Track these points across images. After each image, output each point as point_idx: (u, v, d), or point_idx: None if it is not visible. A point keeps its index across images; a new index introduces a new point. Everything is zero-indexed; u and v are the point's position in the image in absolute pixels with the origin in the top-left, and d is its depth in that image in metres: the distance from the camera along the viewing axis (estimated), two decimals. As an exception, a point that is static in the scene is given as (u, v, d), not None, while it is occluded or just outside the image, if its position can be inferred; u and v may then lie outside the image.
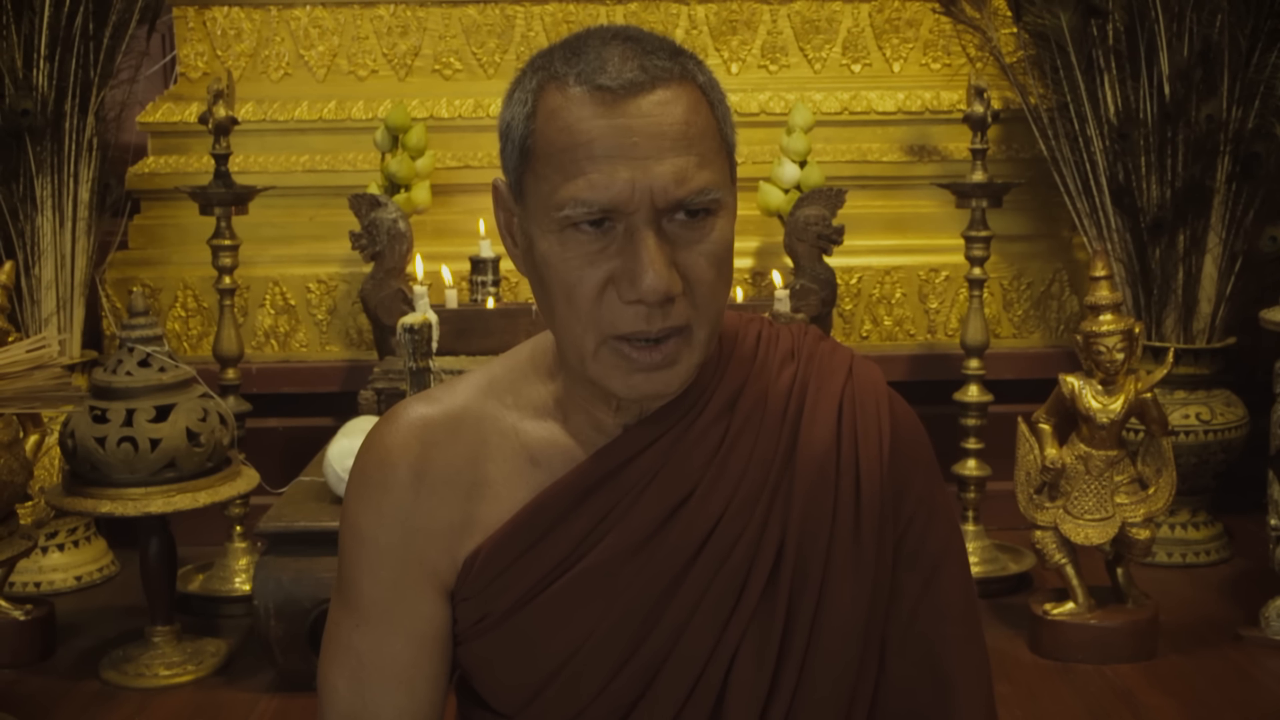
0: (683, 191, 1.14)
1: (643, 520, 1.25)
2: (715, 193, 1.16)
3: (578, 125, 1.14)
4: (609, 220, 1.15)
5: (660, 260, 1.14)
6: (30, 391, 2.56)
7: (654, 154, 1.13)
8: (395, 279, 3.43)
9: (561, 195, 1.14)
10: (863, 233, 3.71)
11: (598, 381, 1.20)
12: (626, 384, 1.19)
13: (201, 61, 3.91)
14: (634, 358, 1.17)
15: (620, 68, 1.15)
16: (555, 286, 1.18)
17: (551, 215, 1.16)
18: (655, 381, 1.19)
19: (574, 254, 1.16)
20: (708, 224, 1.17)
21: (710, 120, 1.18)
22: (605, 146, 1.13)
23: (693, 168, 1.15)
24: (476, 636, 1.28)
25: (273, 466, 3.29)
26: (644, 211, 1.14)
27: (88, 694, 2.81)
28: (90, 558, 3.44)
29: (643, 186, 1.13)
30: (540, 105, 1.17)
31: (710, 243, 1.17)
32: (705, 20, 3.91)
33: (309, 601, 2.69)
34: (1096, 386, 2.86)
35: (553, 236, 1.17)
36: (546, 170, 1.16)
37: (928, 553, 1.31)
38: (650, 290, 1.13)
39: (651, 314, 1.15)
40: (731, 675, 1.25)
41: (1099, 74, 3.42)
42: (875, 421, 1.30)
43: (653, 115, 1.14)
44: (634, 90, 1.14)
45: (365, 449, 1.31)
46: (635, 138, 1.13)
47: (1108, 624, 2.88)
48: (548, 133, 1.16)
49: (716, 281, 1.18)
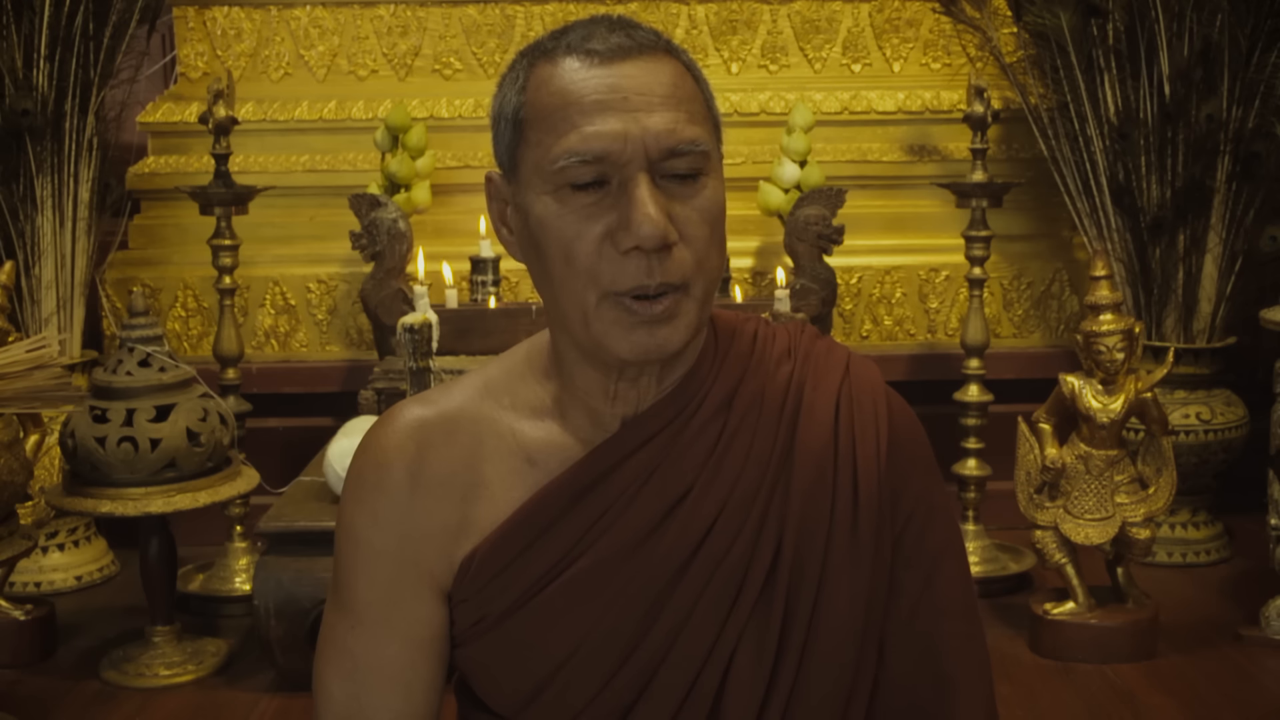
0: (674, 140, 1.16)
1: (640, 519, 1.24)
2: (705, 145, 1.18)
3: (569, 86, 1.17)
4: (603, 179, 1.16)
5: (655, 205, 1.15)
6: (30, 391, 2.55)
7: (644, 107, 1.16)
8: (395, 279, 3.43)
9: (555, 151, 1.16)
10: (863, 232, 3.71)
11: (599, 342, 1.20)
12: (629, 341, 1.19)
13: (202, 61, 3.91)
14: (635, 310, 1.17)
15: (607, 36, 1.19)
16: (553, 248, 1.18)
17: (546, 173, 1.17)
18: (657, 337, 1.18)
19: (570, 210, 1.17)
20: (700, 182, 1.19)
21: (696, 90, 1.21)
22: (596, 102, 1.16)
23: (683, 121, 1.17)
24: (474, 638, 1.28)
25: (273, 466, 3.30)
26: (637, 161, 1.16)
27: (88, 694, 2.81)
28: (90, 558, 3.44)
29: (635, 135, 1.15)
30: (531, 79, 1.20)
31: (703, 199, 1.19)
32: (705, 20, 3.91)
33: (309, 601, 2.69)
34: (1097, 386, 2.86)
35: (549, 198, 1.18)
36: (539, 135, 1.18)
37: (927, 551, 1.31)
38: (647, 236, 1.14)
39: (651, 265, 1.16)
40: (730, 673, 1.25)
41: (1099, 74, 3.42)
42: (872, 420, 1.30)
43: (640, 75, 1.17)
44: (621, 53, 1.18)
45: (361, 451, 1.31)
46: (625, 93, 1.16)
47: (1108, 624, 2.88)
48: (539, 99, 1.19)
49: (710, 239, 1.20)
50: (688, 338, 1.20)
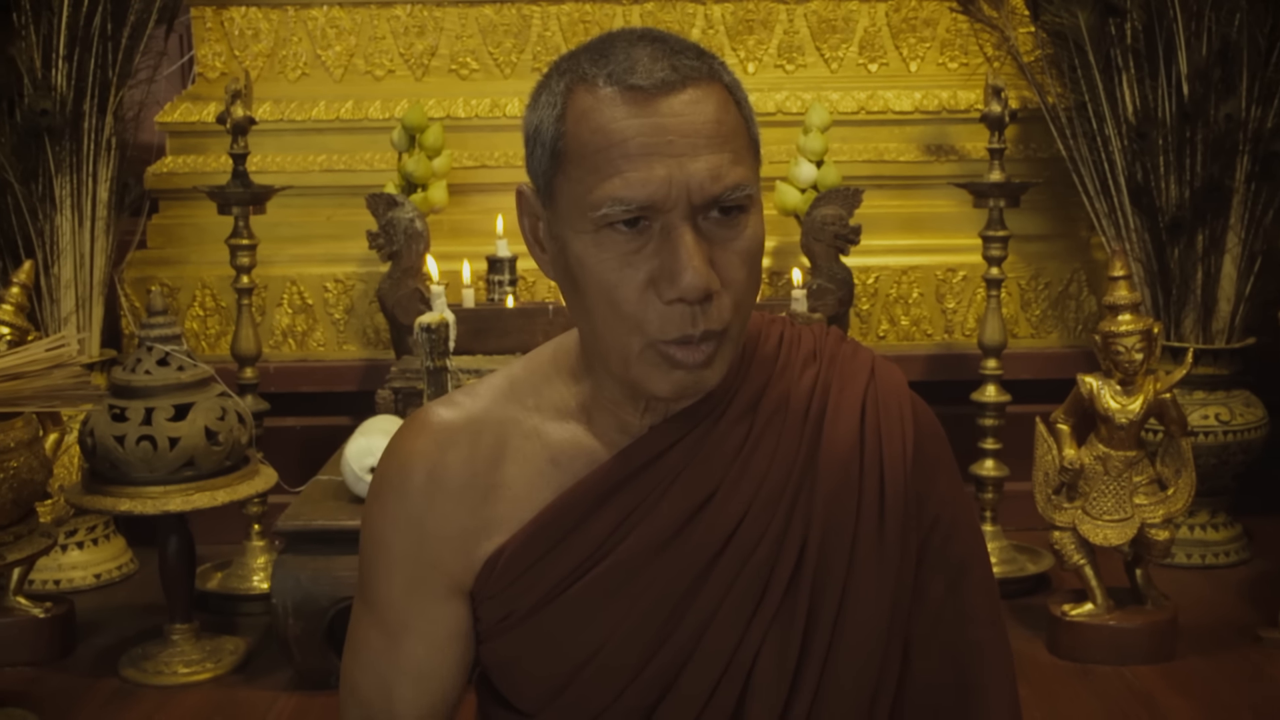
0: (718, 188, 1.14)
1: (666, 519, 1.25)
2: (749, 188, 1.17)
3: (611, 125, 1.14)
4: (645, 219, 1.15)
5: (699, 257, 1.14)
6: (50, 390, 2.56)
7: (689, 151, 1.14)
8: (412, 278, 3.44)
9: (597, 195, 1.14)
10: (880, 232, 3.71)
11: (638, 383, 1.20)
12: (668, 382, 1.19)
13: (219, 61, 3.92)
14: (678, 358, 1.17)
15: (651, 67, 1.15)
16: (593, 289, 1.17)
17: (587, 216, 1.15)
18: (695, 377, 1.19)
19: (610, 255, 1.16)
20: (741, 221, 1.17)
21: (739, 119, 1.19)
22: (640, 145, 1.13)
23: (727, 164, 1.15)
24: (499, 635, 1.28)
25: (290, 465, 3.30)
26: (681, 209, 1.14)
27: (107, 691, 2.82)
28: (109, 556, 3.46)
29: (679, 183, 1.13)
30: (570, 107, 1.17)
31: (744, 240, 1.18)
32: (722, 20, 3.91)
33: (327, 600, 2.69)
34: (1115, 387, 2.86)
35: (587, 238, 1.16)
36: (580, 172, 1.16)
37: (952, 556, 1.31)
38: (690, 288, 1.13)
39: (695, 315, 1.15)
40: (753, 675, 1.25)
41: (1117, 73, 3.41)
42: (898, 423, 1.30)
43: (685, 114, 1.14)
44: (666, 89, 1.15)
45: (386, 454, 1.32)
46: (670, 135, 1.14)
47: (1126, 625, 2.88)
48: (580, 134, 1.16)
49: (749, 279, 1.19)
50: (724, 374, 1.21)
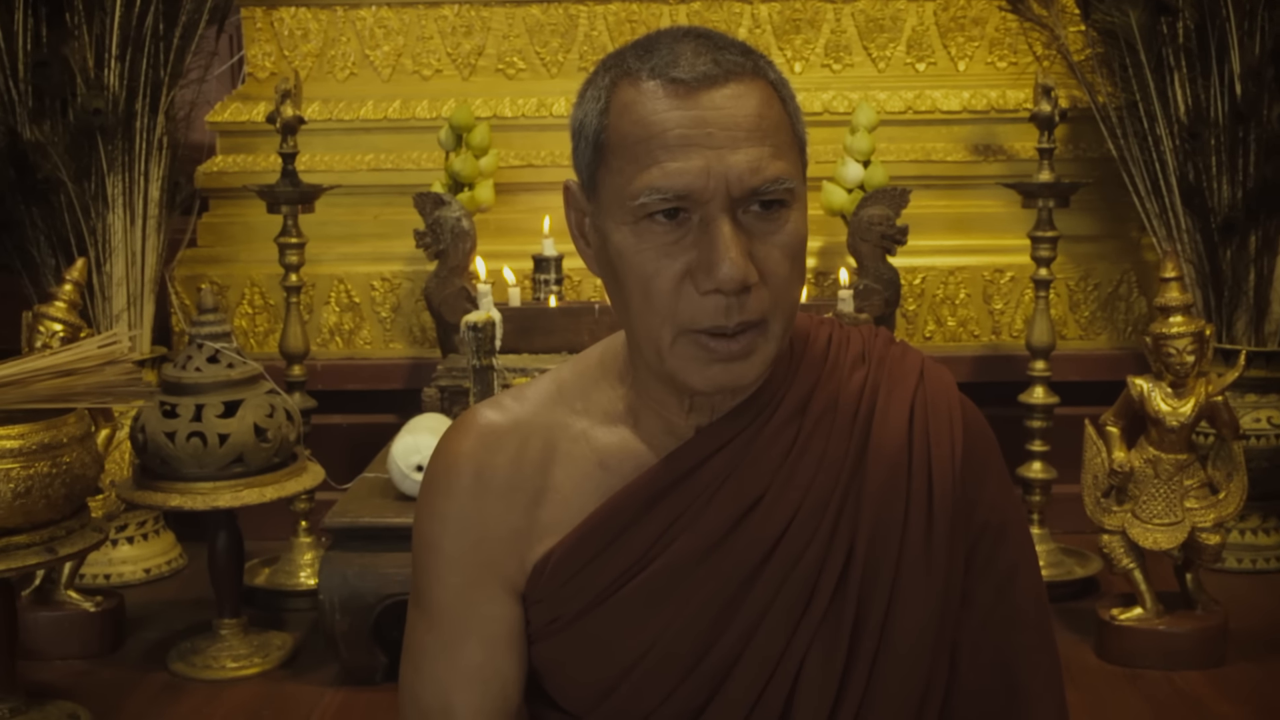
0: (757, 180, 1.14)
1: (714, 523, 1.24)
2: (789, 182, 1.16)
3: (652, 117, 1.15)
4: (684, 211, 1.15)
5: (736, 248, 1.13)
6: (102, 386, 2.59)
7: (728, 144, 1.14)
8: (459, 277, 3.45)
9: (636, 185, 1.15)
10: (927, 233, 3.69)
11: (674, 375, 1.20)
12: (704, 376, 1.18)
13: (269, 61, 3.95)
14: (712, 348, 1.17)
15: (694, 61, 1.16)
16: (630, 280, 1.17)
17: (626, 206, 1.16)
18: (732, 373, 1.18)
19: (649, 245, 1.16)
20: (782, 216, 1.17)
21: (783, 115, 1.19)
22: (680, 136, 1.14)
23: (767, 157, 1.15)
24: (548, 637, 1.28)
25: (337, 462, 3.32)
26: (719, 200, 1.14)
27: (157, 685, 2.85)
28: (159, 550, 3.49)
29: (718, 173, 1.13)
30: (614, 100, 1.18)
31: (785, 234, 1.17)
32: (769, 19, 3.90)
33: (373, 597, 2.71)
34: (1166, 389, 2.83)
35: (627, 229, 1.17)
36: (621, 163, 1.16)
37: (1001, 560, 1.30)
38: (727, 279, 1.13)
39: (730, 306, 1.15)
40: (800, 679, 1.24)
41: (1169, 72, 3.38)
42: (947, 426, 1.29)
43: (726, 107, 1.15)
44: (708, 83, 1.15)
45: (435, 456, 1.32)
46: (710, 128, 1.14)
47: (1176, 630, 2.85)
48: (622, 126, 1.17)
49: (791, 274, 1.18)
50: (763, 371, 1.20)
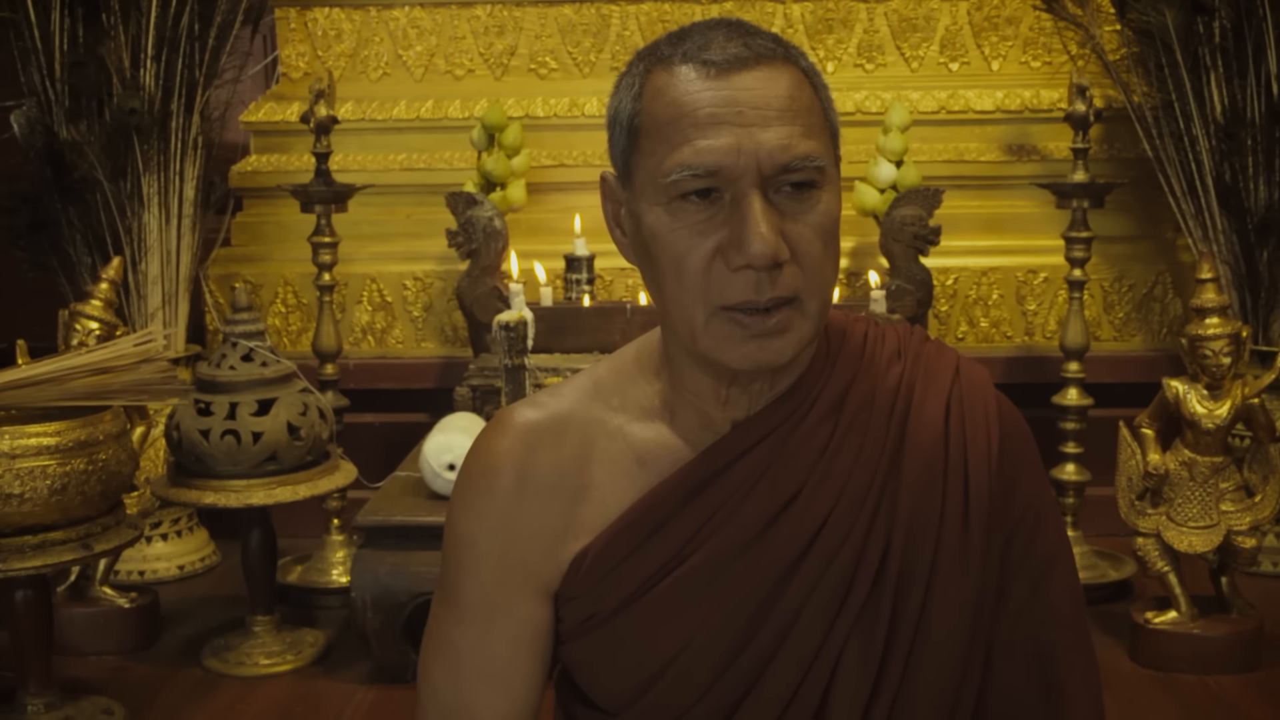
0: (787, 157, 1.15)
1: (750, 519, 1.24)
2: (820, 160, 1.16)
3: (683, 97, 1.16)
4: (716, 191, 1.15)
5: (766, 224, 1.14)
6: (138, 384, 2.61)
7: (759, 121, 1.15)
8: (491, 277, 3.46)
9: (668, 164, 1.16)
10: (960, 233, 3.68)
11: (709, 355, 1.19)
12: (739, 353, 1.18)
13: (303, 62, 3.97)
14: (746, 324, 1.17)
15: (725, 45, 1.17)
16: (664, 260, 1.18)
17: (659, 185, 1.17)
18: (768, 350, 1.18)
19: (682, 225, 1.16)
20: (813, 196, 1.17)
21: (814, 100, 1.19)
22: (710, 114, 1.15)
23: (798, 135, 1.15)
24: (583, 634, 1.28)
25: (369, 461, 3.33)
26: (750, 177, 1.14)
27: (190, 681, 2.86)
28: (192, 548, 3.51)
29: (748, 150, 1.14)
30: (647, 86, 1.19)
31: (817, 214, 1.17)
32: (801, 19, 3.89)
33: (405, 595, 2.72)
34: (1202, 391, 2.80)
35: (661, 209, 1.17)
36: (653, 144, 1.18)
37: (1037, 556, 1.30)
38: (758, 255, 1.13)
39: (760, 281, 1.15)
40: (836, 675, 1.24)
41: (1205, 72, 3.35)
42: (983, 423, 1.29)
43: (757, 88, 1.16)
44: (739, 64, 1.16)
45: (472, 454, 1.32)
46: (741, 106, 1.15)
47: (1211, 634, 2.82)
48: (654, 109, 1.18)
49: (824, 254, 1.18)
50: (798, 350, 1.20)
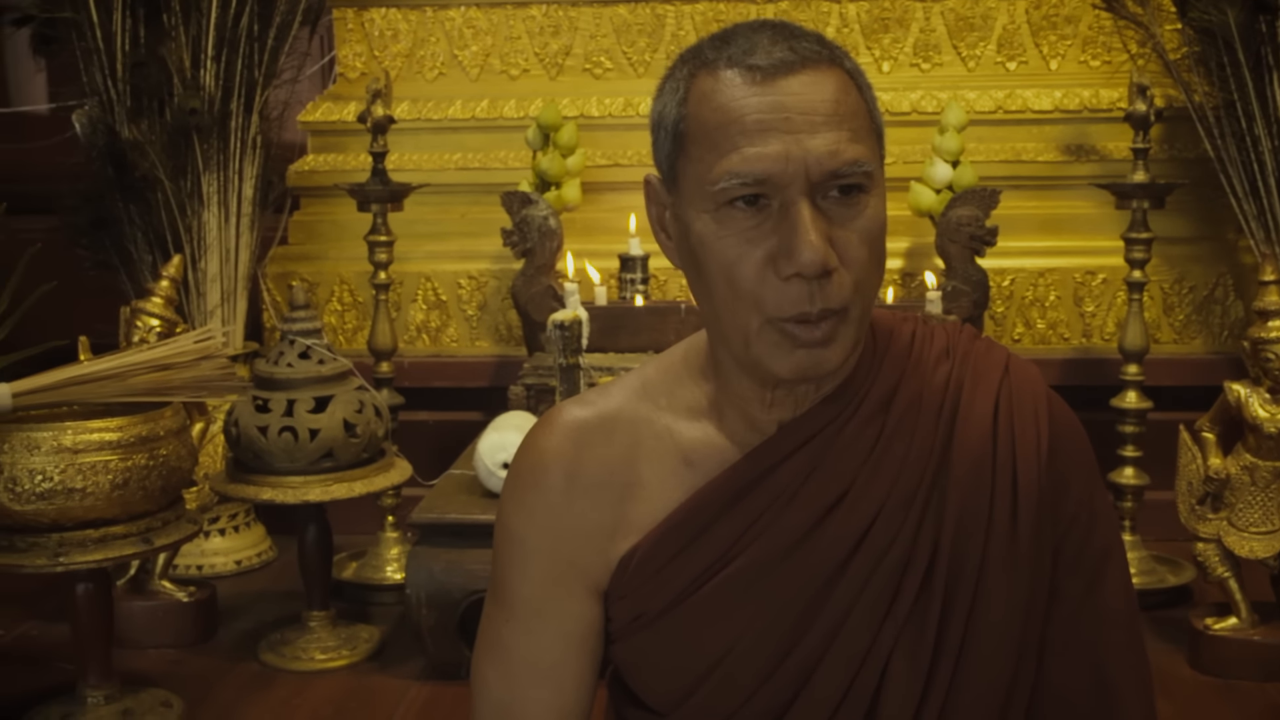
0: (836, 163, 1.14)
1: (797, 520, 1.24)
2: (867, 165, 1.16)
3: (730, 104, 1.16)
4: (764, 197, 1.15)
5: (816, 232, 1.14)
6: (197, 381, 2.65)
7: (806, 128, 1.14)
8: (545, 276, 3.47)
9: (716, 171, 1.15)
10: (1016, 234, 3.64)
11: (759, 363, 1.20)
12: (788, 363, 1.18)
13: (360, 62, 4.01)
14: (795, 335, 1.17)
15: (770, 49, 1.16)
16: (713, 268, 1.18)
17: (707, 193, 1.16)
18: (816, 359, 1.18)
19: (730, 232, 1.16)
20: (861, 201, 1.17)
21: (860, 102, 1.19)
22: (757, 121, 1.14)
23: (845, 141, 1.15)
24: (631, 634, 1.29)
25: (424, 459, 3.35)
26: (798, 184, 1.14)
27: (247, 675, 2.90)
28: (250, 543, 3.55)
29: (796, 157, 1.14)
30: (692, 90, 1.19)
31: (864, 219, 1.17)
32: (856, 18, 3.88)
33: (459, 592, 2.73)
34: (1264, 395, 2.76)
35: (708, 216, 1.17)
36: (700, 151, 1.17)
37: (1089, 556, 1.28)
38: (808, 263, 1.13)
39: (812, 292, 1.15)
40: (886, 676, 1.23)
41: (1268, 71, 3.30)
42: (1033, 421, 1.28)
43: (803, 93, 1.15)
44: (784, 69, 1.16)
45: (521, 452, 1.33)
46: (788, 113, 1.14)
47: (1272, 640, 2.78)
48: (701, 114, 1.18)
49: (870, 260, 1.18)
50: (845, 357, 1.20)
